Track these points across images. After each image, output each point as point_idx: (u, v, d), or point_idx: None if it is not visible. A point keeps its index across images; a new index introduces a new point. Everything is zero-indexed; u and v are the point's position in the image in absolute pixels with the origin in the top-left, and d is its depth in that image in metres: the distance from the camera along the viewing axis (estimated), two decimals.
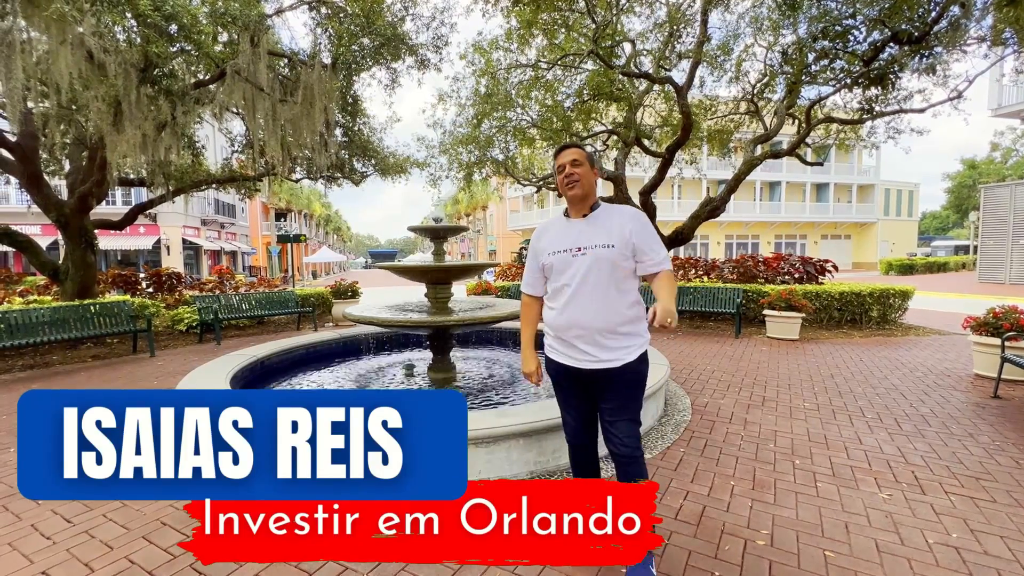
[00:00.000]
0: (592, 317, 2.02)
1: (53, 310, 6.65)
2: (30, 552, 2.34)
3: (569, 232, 2.12)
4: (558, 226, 2.19)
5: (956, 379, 5.30)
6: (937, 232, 61.70)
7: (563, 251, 2.08)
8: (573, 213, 2.17)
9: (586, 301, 2.03)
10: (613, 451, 2.07)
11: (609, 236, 2.04)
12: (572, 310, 2.05)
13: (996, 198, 19.62)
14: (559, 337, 2.12)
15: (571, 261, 2.05)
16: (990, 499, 2.74)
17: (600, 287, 2.02)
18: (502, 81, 10.25)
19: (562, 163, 2.12)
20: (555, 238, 2.15)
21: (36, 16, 5.49)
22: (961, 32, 7.28)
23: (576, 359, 2.08)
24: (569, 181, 2.10)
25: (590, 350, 2.04)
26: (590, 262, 2.02)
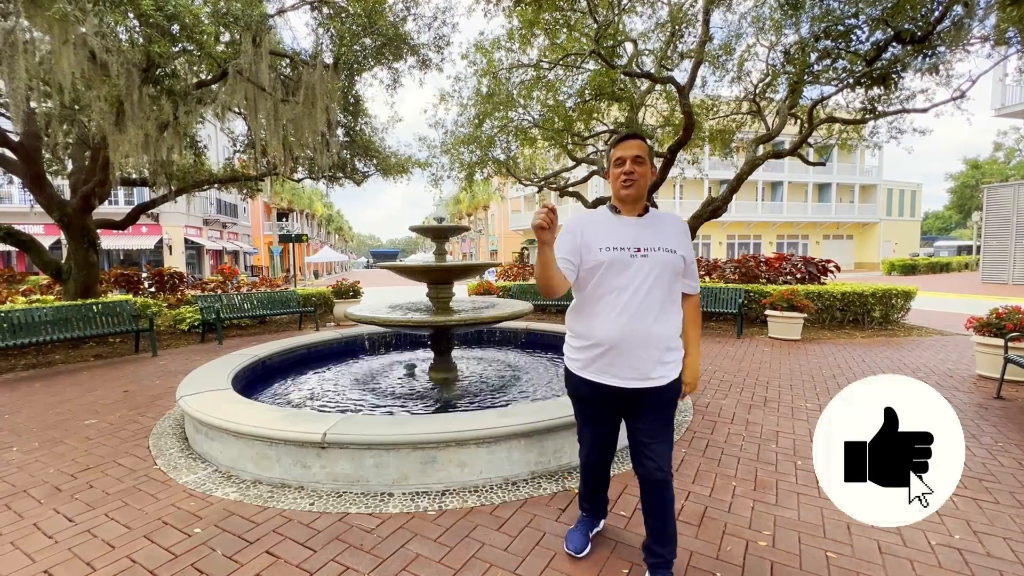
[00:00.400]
0: (651, 327, 1.82)
1: (56, 309, 6.66)
2: (32, 551, 2.34)
3: (623, 230, 1.88)
4: (607, 221, 1.93)
5: (959, 380, 5.29)
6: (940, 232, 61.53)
7: (620, 248, 1.83)
8: (625, 211, 1.93)
9: (648, 309, 1.81)
10: (646, 475, 1.91)
11: (670, 240, 1.88)
12: (629, 319, 1.81)
13: (999, 198, 19.55)
14: (601, 353, 1.86)
15: (630, 262, 1.82)
16: (993, 500, 2.73)
17: (662, 294, 1.83)
18: (504, 81, 10.25)
19: (623, 156, 1.88)
20: (607, 233, 1.87)
21: (39, 16, 5.50)
22: (964, 32, 7.25)
23: (620, 377, 1.85)
24: (628, 179, 1.87)
25: (640, 366, 1.83)
26: (653, 265, 1.82)
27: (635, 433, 1.94)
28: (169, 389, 5.16)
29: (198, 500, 2.80)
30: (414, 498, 2.78)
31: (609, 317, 1.84)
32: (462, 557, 2.25)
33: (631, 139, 1.90)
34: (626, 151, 1.88)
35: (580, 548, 2.24)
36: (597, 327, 1.87)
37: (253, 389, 4.57)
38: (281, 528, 2.50)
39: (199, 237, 27.25)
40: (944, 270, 29.46)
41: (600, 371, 1.89)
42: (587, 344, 1.91)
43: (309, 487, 2.90)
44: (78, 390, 5.30)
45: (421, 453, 2.85)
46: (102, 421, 4.23)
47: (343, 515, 2.62)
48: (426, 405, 4.25)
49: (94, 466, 3.31)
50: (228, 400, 3.52)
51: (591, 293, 1.89)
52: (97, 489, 2.97)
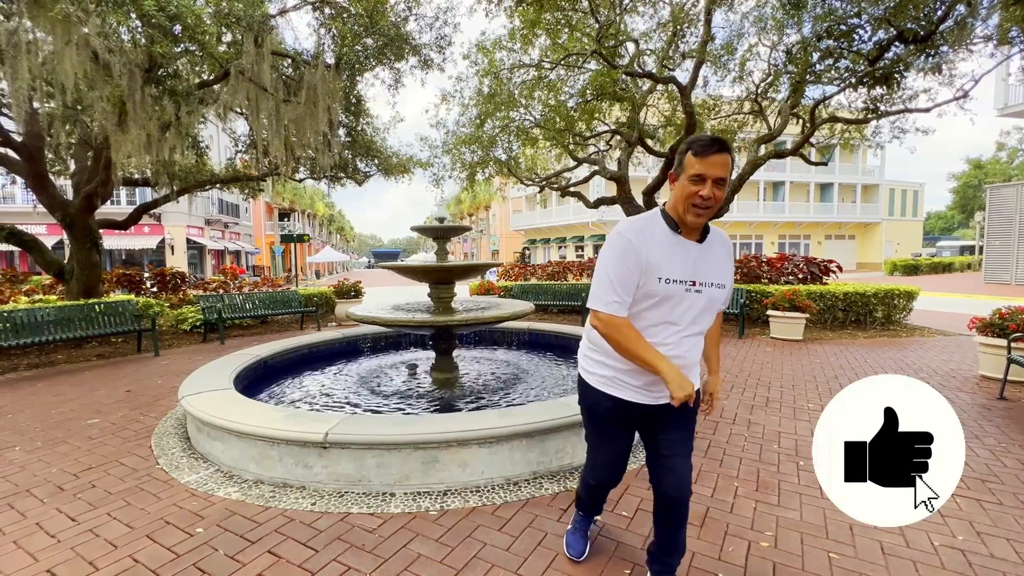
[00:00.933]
0: (693, 353, 1.75)
1: (58, 309, 6.68)
2: (35, 550, 2.35)
3: (684, 256, 1.65)
4: (666, 241, 1.65)
5: (961, 380, 5.27)
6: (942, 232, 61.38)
7: (679, 282, 1.63)
8: (686, 232, 1.67)
9: (691, 337, 1.73)
10: (668, 492, 1.79)
11: (721, 274, 1.70)
12: (675, 348, 1.70)
13: (1002, 198, 19.49)
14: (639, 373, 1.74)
15: (684, 297, 1.65)
16: (996, 501, 2.72)
17: (703, 324, 1.73)
18: (505, 81, 10.25)
19: (704, 174, 1.55)
20: (668, 259, 1.63)
21: (42, 17, 5.51)
22: (967, 31, 7.23)
23: (652, 395, 1.77)
24: (703, 206, 1.57)
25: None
26: (704, 303, 1.68)
27: (656, 445, 1.83)
28: (171, 389, 5.17)
29: (200, 500, 2.81)
30: (416, 498, 2.78)
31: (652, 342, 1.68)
32: (464, 557, 2.25)
33: (720, 152, 1.54)
34: (710, 169, 1.54)
35: (581, 552, 2.23)
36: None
37: (255, 389, 4.58)
38: (283, 528, 2.50)
39: (201, 237, 27.30)
40: (947, 270, 29.37)
41: (634, 390, 1.78)
42: (617, 363, 1.77)
43: (311, 487, 2.90)
44: (80, 390, 5.31)
45: (423, 453, 2.85)
46: (104, 421, 4.24)
47: (345, 515, 2.62)
48: (428, 405, 4.25)
49: (96, 465, 3.31)
50: (230, 400, 3.52)
51: (639, 318, 1.69)
52: (99, 488, 2.97)
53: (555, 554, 2.26)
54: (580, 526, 2.30)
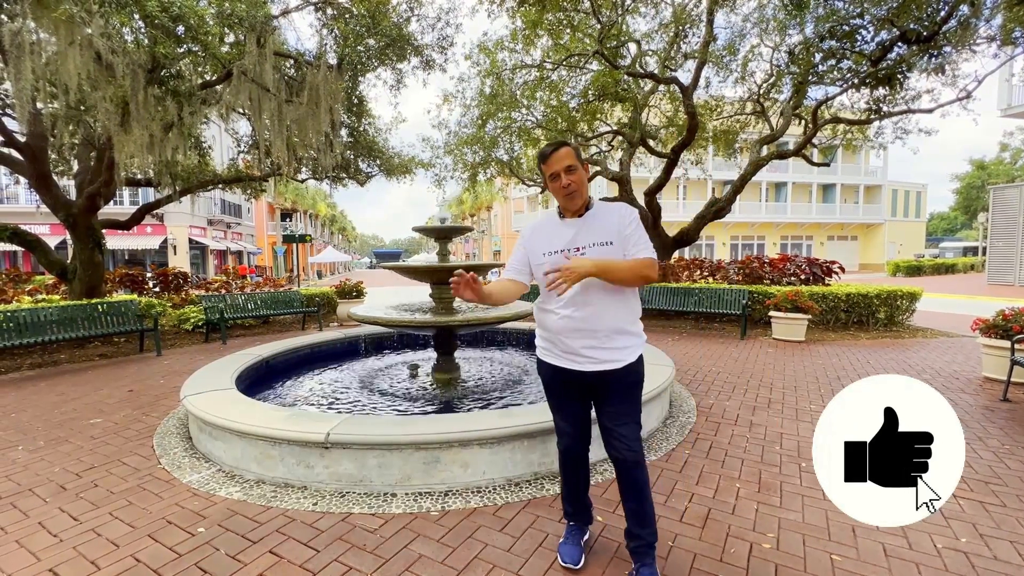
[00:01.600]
0: (597, 318, 1.95)
1: (61, 309, 6.70)
2: (37, 549, 2.35)
3: (563, 232, 2.03)
4: (551, 226, 2.09)
5: (965, 382, 5.25)
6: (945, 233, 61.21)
7: (558, 251, 1.99)
8: (568, 215, 2.06)
9: (590, 301, 1.95)
10: (617, 456, 2.01)
11: (606, 233, 1.97)
12: (575, 312, 1.96)
13: (1005, 199, 19.42)
14: (555, 340, 2.04)
15: (566, 262, 1.90)
16: (1000, 503, 2.71)
17: (602, 286, 1.94)
18: (507, 81, 10.26)
19: (555, 171, 1.97)
20: (549, 238, 2.05)
21: (45, 18, 5.53)
22: (970, 31, 7.22)
23: (577, 362, 2.00)
24: (568, 192, 1.97)
25: (593, 353, 1.97)
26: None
27: (601, 417, 2.06)
28: (173, 389, 5.18)
29: (202, 499, 2.81)
30: (417, 498, 2.78)
31: (559, 311, 2.00)
32: (465, 558, 2.25)
33: (557, 150, 1.97)
34: (557, 165, 1.96)
35: (576, 559, 2.18)
36: (553, 320, 2.03)
37: (257, 389, 4.58)
38: (284, 528, 2.51)
39: (203, 237, 27.36)
40: (949, 271, 29.28)
41: (561, 357, 2.05)
42: (546, 333, 2.10)
43: (312, 487, 2.90)
44: (83, 389, 5.32)
45: (424, 453, 2.85)
46: (107, 420, 4.25)
47: (346, 515, 2.62)
48: (429, 405, 4.25)
49: (99, 465, 3.32)
50: (232, 400, 3.53)
51: (543, 291, 2.08)
52: (102, 488, 2.98)
53: (556, 555, 2.26)
54: (572, 536, 2.28)
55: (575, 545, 2.24)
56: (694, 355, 6.79)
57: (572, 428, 2.16)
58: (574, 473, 2.25)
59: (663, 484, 2.96)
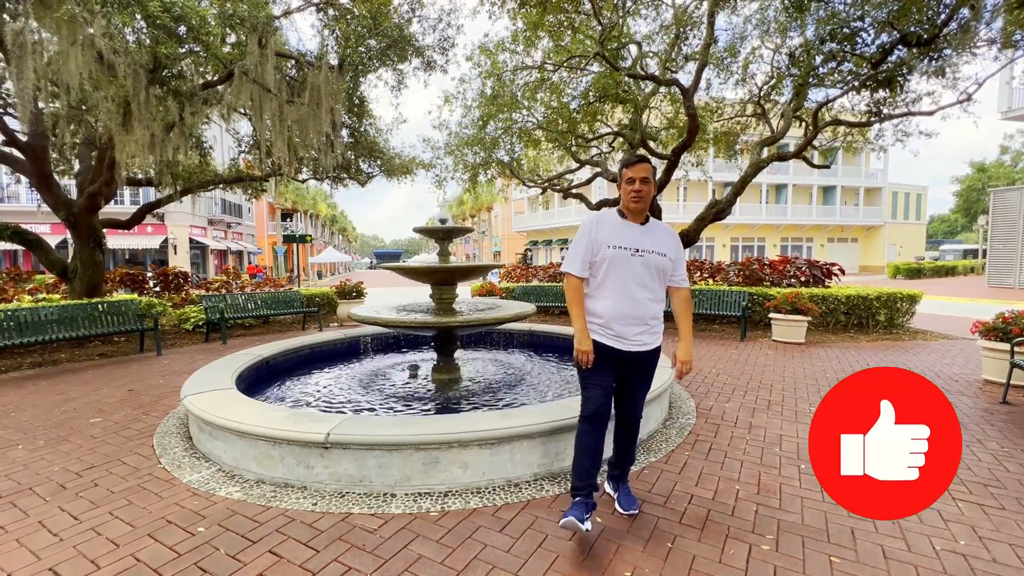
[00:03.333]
0: (644, 308, 2.39)
1: (62, 308, 6.70)
2: (38, 549, 2.35)
3: (628, 232, 2.41)
4: (616, 223, 2.44)
5: (964, 384, 5.25)
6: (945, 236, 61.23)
7: (623, 248, 2.36)
8: (631, 218, 2.44)
9: (641, 295, 2.38)
10: (627, 416, 2.59)
11: (664, 247, 2.42)
12: (628, 301, 2.37)
13: (1006, 202, 19.43)
14: (607, 324, 2.39)
15: (629, 259, 2.36)
16: (999, 506, 2.71)
17: (652, 285, 2.41)
18: (508, 83, 10.27)
19: (634, 177, 2.36)
20: (614, 234, 2.40)
21: (47, 17, 5.54)
22: (971, 34, 7.22)
23: (627, 343, 2.39)
24: (637, 197, 2.37)
25: (640, 336, 2.40)
26: (647, 264, 2.37)
27: (627, 384, 2.54)
28: (173, 388, 5.19)
29: (202, 499, 2.81)
30: (417, 499, 2.78)
31: (613, 299, 2.39)
32: (464, 558, 2.25)
33: (642, 163, 2.39)
34: (637, 173, 2.37)
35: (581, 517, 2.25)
36: (602, 306, 2.41)
37: (257, 389, 4.59)
38: (284, 528, 2.51)
39: (203, 237, 27.37)
40: (950, 274, 29.28)
41: (614, 338, 2.41)
42: (598, 318, 2.43)
43: (312, 487, 2.90)
44: (83, 389, 5.33)
45: (424, 454, 2.85)
46: (107, 420, 4.25)
47: (346, 515, 2.62)
48: (429, 406, 4.25)
49: (99, 464, 3.33)
50: (232, 400, 3.53)
51: (600, 280, 2.43)
52: (102, 487, 2.98)
53: (556, 556, 2.26)
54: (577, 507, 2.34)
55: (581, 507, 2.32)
56: (694, 356, 6.78)
57: (605, 396, 2.46)
58: (591, 441, 2.43)
59: (662, 485, 2.97)
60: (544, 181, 13.64)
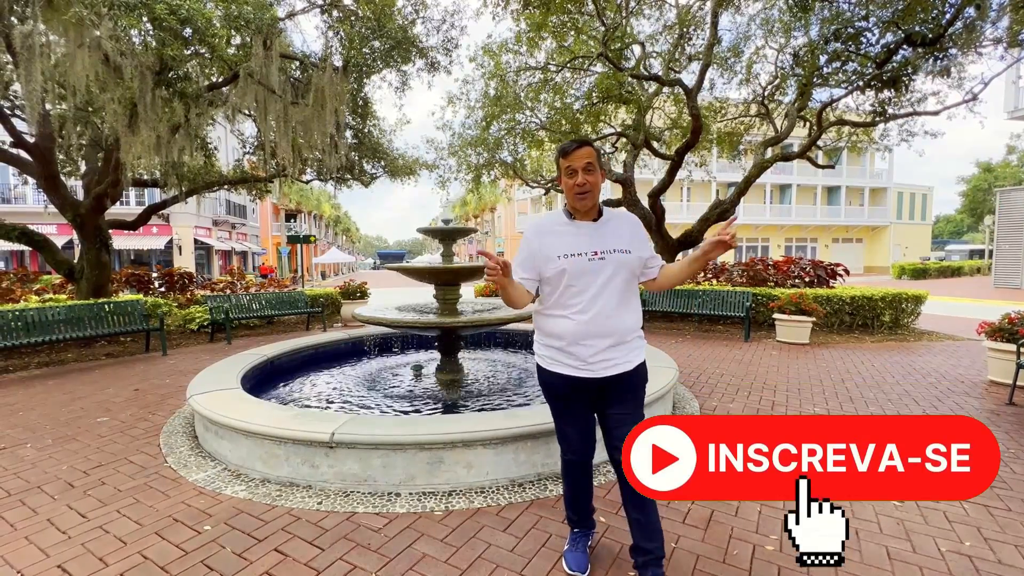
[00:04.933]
0: (616, 321, 1.94)
1: (68, 308, 6.76)
2: (46, 546, 2.38)
3: (579, 235, 1.97)
4: (563, 227, 2.00)
5: (970, 385, 5.23)
6: (951, 236, 60.87)
7: (577, 254, 1.92)
8: (580, 216, 2.01)
9: (610, 306, 1.92)
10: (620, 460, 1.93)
11: (624, 240, 1.97)
12: (593, 316, 1.91)
13: (1012, 202, 19.31)
14: (568, 348, 1.95)
15: (588, 266, 1.91)
16: (1005, 508, 2.70)
17: (620, 291, 1.95)
18: (511, 83, 10.28)
19: (573, 167, 1.91)
20: (564, 240, 1.96)
21: (55, 20, 5.60)
22: (976, 34, 7.19)
23: (589, 369, 1.94)
24: (581, 191, 1.92)
25: (609, 355, 1.93)
26: (612, 267, 1.92)
27: (607, 420, 2.01)
28: (179, 388, 5.22)
29: (208, 498, 2.83)
30: (421, 498, 2.79)
31: (576, 315, 1.93)
32: (468, 557, 2.26)
33: (580, 147, 1.91)
34: (576, 161, 1.91)
35: (583, 567, 2.14)
36: (568, 326, 1.94)
37: (262, 388, 4.61)
38: (289, 526, 2.52)
39: (208, 238, 27.50)
40: (955, 274, 29.10)
41: (571, 366, 1.96)
42: (556, 341, 2.00)
43: (317, 486, 2.92)
44: (90, 388, 5.37)
45: (428, 454, 2.86)
46: (114, 419, 4.29)
47: (350, 514, 2.64)
48: (433, 406, 4.26)
49: (106, 463, 3.35)
50: (237, 399, 3.55)
51: (557, 296, 1.98)
52: (109, 486, 3.01)
53: (559, 555, 2.27)
54: (577, 543, 2.23)
55: (582, 552, 2.19)
56: (697, 357, 6.78)
57: (580, 437, 2.08)
58: (579, 482, 2.18)
59: None
60: (547, 182, 13.64)
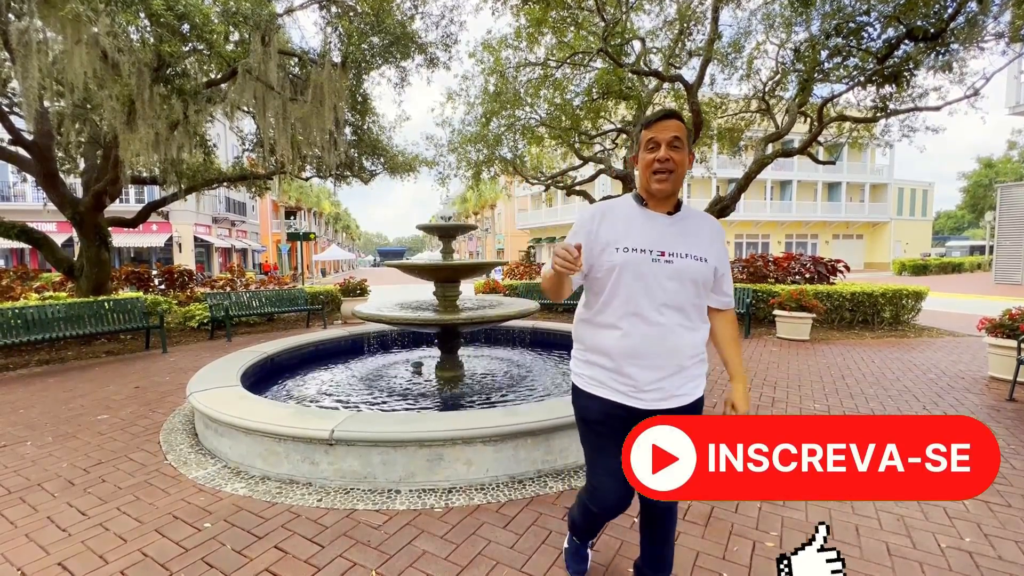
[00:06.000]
0: (676, 341, 1.57)
1: (68, 306, 6.75)
2: (47, 544, 2.38)
3: (649, 228, 1.59)
4: (630, 215, 1.63)
5: (970, 381, 5.22)
6: (952, 232, 60.79)
7: (640, 250, 1.55)
8: (654, 204, 1.62)
9: (671, 321, 1.56)
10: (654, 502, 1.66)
11: (700, 247, 1.59)
12: (651, 330, 1.56)
13: (1013, 197, 19.27)
14: (615, 367, 1.60)
15: (652, 267, 1.54)
16: (1005, 504, 2.70)
17: (687, 306, 1.58)
18: (511, 79, 10.25)
19: (658, 139, 1.54)
20: (628, 230, 1.59)
21: (52, 16, 5.57)
22: (978, 29, 7.15)
23: (640, 398, 1.59)
24: (662, 169, 1.53)
25: (669, 385, 1.59)
26: (678, 273, 1.55)
27: None
28: (179, 385, 5.22)
29: (208, 495, 2.84)
30: (421, 495, 2.79)
31: (626, 329, 1.57)
32: (468, 554, 2.26)
33: (668, 118, 1.54)
34: (662, 133, 1.53)
35: (583, 566, 2.08)
36: (610, 339, 1.60)
37: (262, 386, 4.61)
38: (289, 524, 2.53)
39: (208, 235, 27.48)
40: (956, 271, 29.08)
41: (617, 391, 1.61)
42: (601, 358, 1.64)
43: (317, 483, 2.92)
44: (90, 386, 5.37)
45: (428, 451, 2.86)
46: (114, 416, 4.29)
47: (350, 511, 2.64)
48: (433, 403, 4.26)
49: (106, 461, 3.35)
50: (237, 397, 3.55)
51: (605, 299, 1.61)
52: (109, 483, 3.01)
53: (559, 552, 2.27)
54: (577, 550, 2.10)
55: (582, 559, 2.12)
56: None
57: (619, 483, 1.60)
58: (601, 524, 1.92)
59: None
60: (547, 178, 13.62)
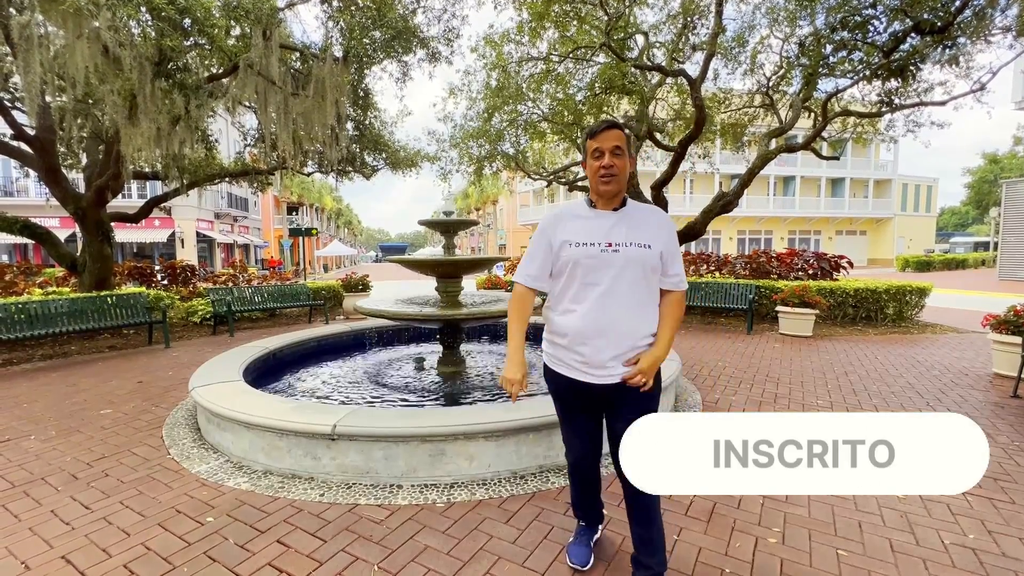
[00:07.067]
0: (626, 322, 1.79)
1: (71, 301, 6.77)
2: (50, 537, 2.39)
3: (597, 224, 1.83)
4: (581, 215, 1.88)
5: (974, 378, 5.20)
6: (956, 228, 60.51)
7: (591, 244, 1.79)
8: (601, 204, 1.87)
9: (620, 304, 1.78)
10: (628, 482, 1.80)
11: (646, 235, 1.82)
12: (601, 313, 1.78)
13: (1018, 193, 19.14)
14: (572, 347, 1.84)
15: (601, 257, 1.78)
16: (1009, 500, 2.69)
17: (636, 289, 1.79)
18: (513, 74, 10.18)
19: (601, 148, 1.78)
20: (580, 228, 1.84)
21: (53, 11, 5.55)
22: (986, 22, 7.08)
23: (593, 374, 1.82)
24: (607, 174, 1.78)
25: (614, 362, 1.80)
26: (625, 261, 1.77)
27: (613, 432, 1.88)
28: (182, 380, 5.23)
29: (210, 489, 2.84)
30: (423, 490, 2.79)
31: (580, 312, 1.81)
32: (470, 549, 2.27)
33: (609, 129, 1.79)
34: (604, 142, 1.78)
35: (585, 560, 2.12)
36: (572, 321, 1.83)
37: (264, 381, 4.62)
38: (291, 518, 2.53)
39: (210, 230, 27.50)
40: (960, 267, 28.96)
41: (575, 368, 1.85)
42: (560, 339, 1.88)
43: (319, 478, 2.92)
44: (93, 380, 5.39)
45: (430, 446, 2.86)
46: (117, 411, 4.30)
47: (352, 506, 2.64)
48: (435, 398, 4.27)
49: (109, 455, 3.37)
50: (240, 391, 3.56)
51: (564, 288, 1.86)
52: (112, 477, 3.02)
53: (561, 547, 2.27)
54: (581, 536, 2.21)
55: (584, 546, 2.17)
56: (700, 349, 6.77)
57: (583, 442, 2.00)
58: (584, 485, 2.14)
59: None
60: (549, 174, 13.58)
